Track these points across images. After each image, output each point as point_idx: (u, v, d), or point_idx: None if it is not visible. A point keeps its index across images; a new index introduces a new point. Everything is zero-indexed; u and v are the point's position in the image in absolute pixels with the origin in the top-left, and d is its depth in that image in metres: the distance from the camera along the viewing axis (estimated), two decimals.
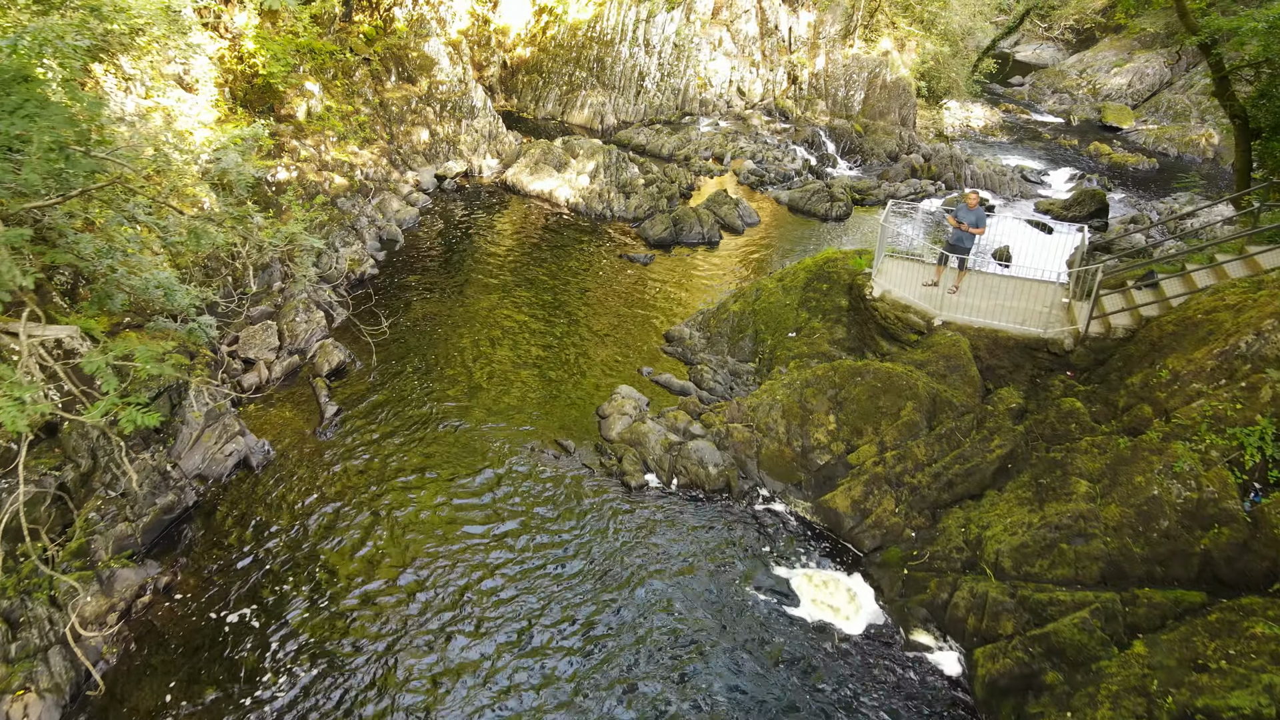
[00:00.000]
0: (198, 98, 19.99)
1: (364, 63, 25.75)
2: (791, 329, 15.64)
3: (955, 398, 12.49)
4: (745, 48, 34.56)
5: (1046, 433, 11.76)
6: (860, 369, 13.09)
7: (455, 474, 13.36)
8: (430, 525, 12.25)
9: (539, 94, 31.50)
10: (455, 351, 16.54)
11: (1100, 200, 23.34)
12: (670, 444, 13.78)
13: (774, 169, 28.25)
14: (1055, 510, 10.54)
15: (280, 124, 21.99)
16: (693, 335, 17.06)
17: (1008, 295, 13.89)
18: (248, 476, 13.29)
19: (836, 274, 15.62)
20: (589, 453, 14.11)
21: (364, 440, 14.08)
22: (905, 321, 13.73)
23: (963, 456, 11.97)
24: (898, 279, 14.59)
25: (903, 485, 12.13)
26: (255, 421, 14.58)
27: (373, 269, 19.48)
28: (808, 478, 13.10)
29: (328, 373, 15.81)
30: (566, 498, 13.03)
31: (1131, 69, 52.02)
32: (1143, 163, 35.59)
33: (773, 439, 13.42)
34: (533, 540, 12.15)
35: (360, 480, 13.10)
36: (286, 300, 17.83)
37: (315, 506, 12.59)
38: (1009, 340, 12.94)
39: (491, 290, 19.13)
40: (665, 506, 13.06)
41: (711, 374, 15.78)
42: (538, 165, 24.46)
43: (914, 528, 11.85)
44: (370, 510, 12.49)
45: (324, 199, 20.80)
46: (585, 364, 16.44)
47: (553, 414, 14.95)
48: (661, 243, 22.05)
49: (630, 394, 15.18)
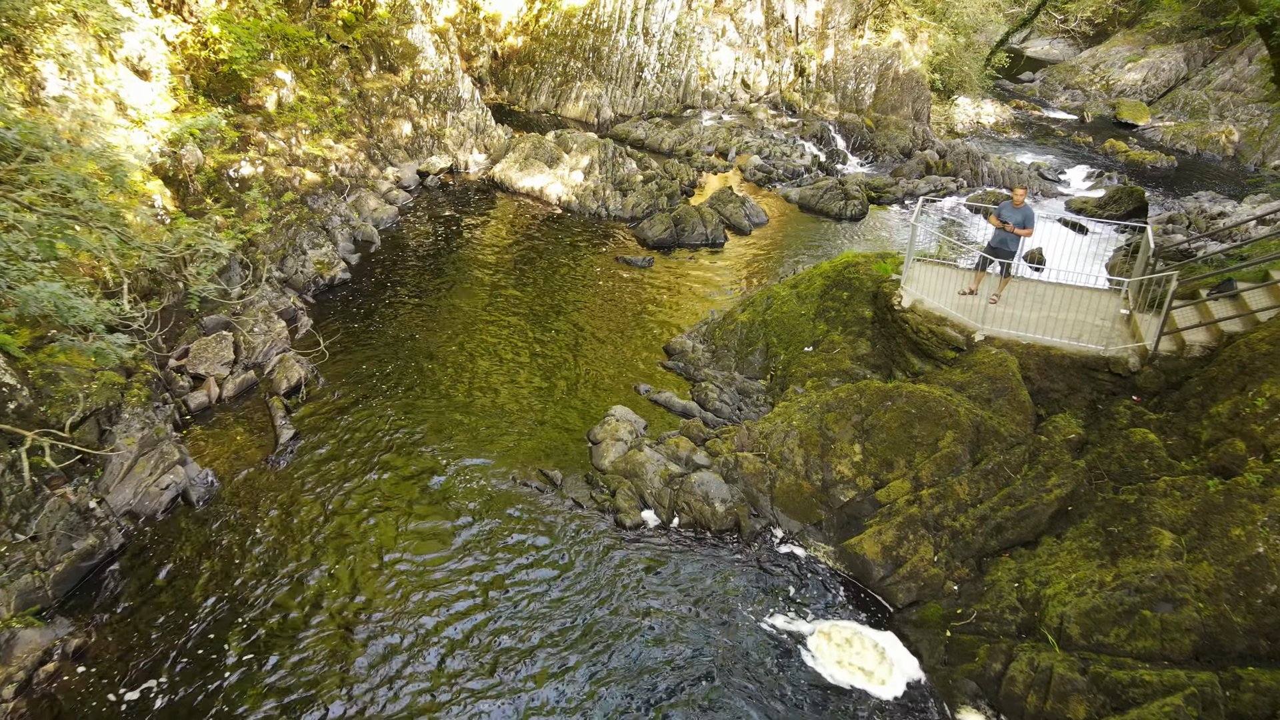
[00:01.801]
0: (152, 85, 18.25)
1: (342, 50, 23.99)
2: (808, 342, 13.88)
3: (1003, 426, 10.74)
4: (750, 38, 32.79)
5: (1114, 469, 10.01)
6: (890, 392, 11.33)
7: (426, 511, 11.62)
8: (395, 573, 10.50)
9: (531, 85, 29.72)
10: (431, 366, 14.79)
11: (1139, 198, 21.59)
12: (671, 476, 12.03)
13: (782, 165, 26.48)
14: (1133, 567, 8.78)
15: (247, 115, 20.24)
16: (696, 348, 15.31)
17: (1057, 305, 12.13)
18: (186, 513, 11.55)
19: (858, 280, 13.86)
20: (578, 484, 12.37)
21: (323, 469, 12.34)
22: (941, 336, 11.97)
23: (1014, 496, 10.21)
24: (930, 287, 12.84)
25: (942, 529, 10.38)
26: (200, 448, 12.84)
27: (344, 273, 17.72)
28: (829, 516, 11.35)
29: (286, 390, 14.07)
30: (551, 539, 11.29)
31: (1146, 64, 50.48)
32: (1161, 160, 34.18)
33: (789, 471, 11.67)
34: (511, 590, 10.41)
35: (316, 518, 11.36)
36: (246, 308, 16.09)
37: (262, 549, 10.85)
38: (1063, 358, 11.19)
39: (474, 297, 17.38)
40: (665, 549, 11.32)
41: (717, 393, 14.03)
42: (528, 161, 22.70)
43: (957, 580, 10.10)
44: (325, 554, 10.76)
45: (293, 196, 19.07)
46: (576, 381, 14.69)
47: (538, 439, 13.21)
48: (661, 244, 20.29)
49: (625, 416, 13.44)
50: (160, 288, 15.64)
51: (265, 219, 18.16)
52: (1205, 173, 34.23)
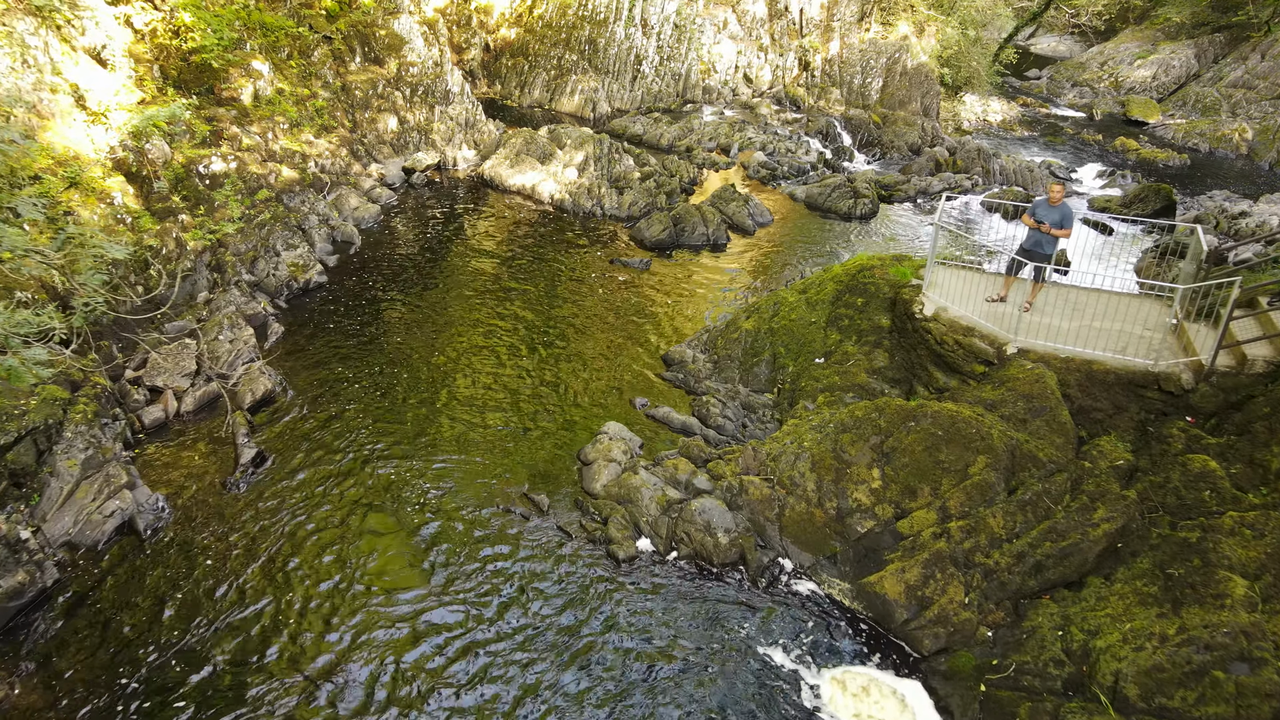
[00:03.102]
0: (114, 75, 17.08)
1: (324, 41, 22.82)
2: (819, 353, 12.72)
3: (1041, 451, 9.58)
4: (753, 30, 31.61)
5: (1170, 502, 8.85)
6: (913, 410, 10.17)
7: (399, 541, 10.47)
8: (363, 614, 9.36)
9: (524, 79, 28.52)
10: (411, 378, 13.64)
11: (1166, 196, 20.40)
12: (669, 502, 10.88)
13: (787, 162, 25.30)
14: (1201, 619, 7.63)
15: (220, 108, 19.08)
16: (696, 358, 14.15)
17: (1095, 313, 10.98)
18: (132, 544, 10.41)
19: (874, 285, 12.70)
20: (567, 511, 11.23)
21: (287, 494, 11.21)
22: (968, 348, 10.81)
23: (1055, 531, 9.06)
24: (954, 293, 11.68)
25: (974, 567, 9.23)
26: (152, 469, 11.70)
27: (320, 276, 16.55)
28: (845, 549, 10.20)
29: (251, 404, 12.93)
30: (537, 574, 10.14)
31: (1156, 61, 49.50)
32: (1173, 159, 33.32)
33: (799, 498, 10.52)
34: (491, 631, 9.28)
35: (277, 550, 10.22)
36: (212, 314, 14.94)
37: (216, 586, 9.72)
38: (1107, 374, 10.03)
39: (459, 303, 16.22)
40: (662, 585, 10.17)
41: (720, 408, 12.87)
42: (519, 157, 21.52)
43: (991, 625, 8.96)
44: (287, 592, 9.63)
45: (268, 194, 17.91)
46: (566, 394, 13.54)
47: (524, 458, 12.06)
48: (659, 245, 19.11)
49: (620, 434, 12.29)
50: (117, 292, 14.51)
51: (237, 218, 17.01)
52: (1219, 171, 33.35)
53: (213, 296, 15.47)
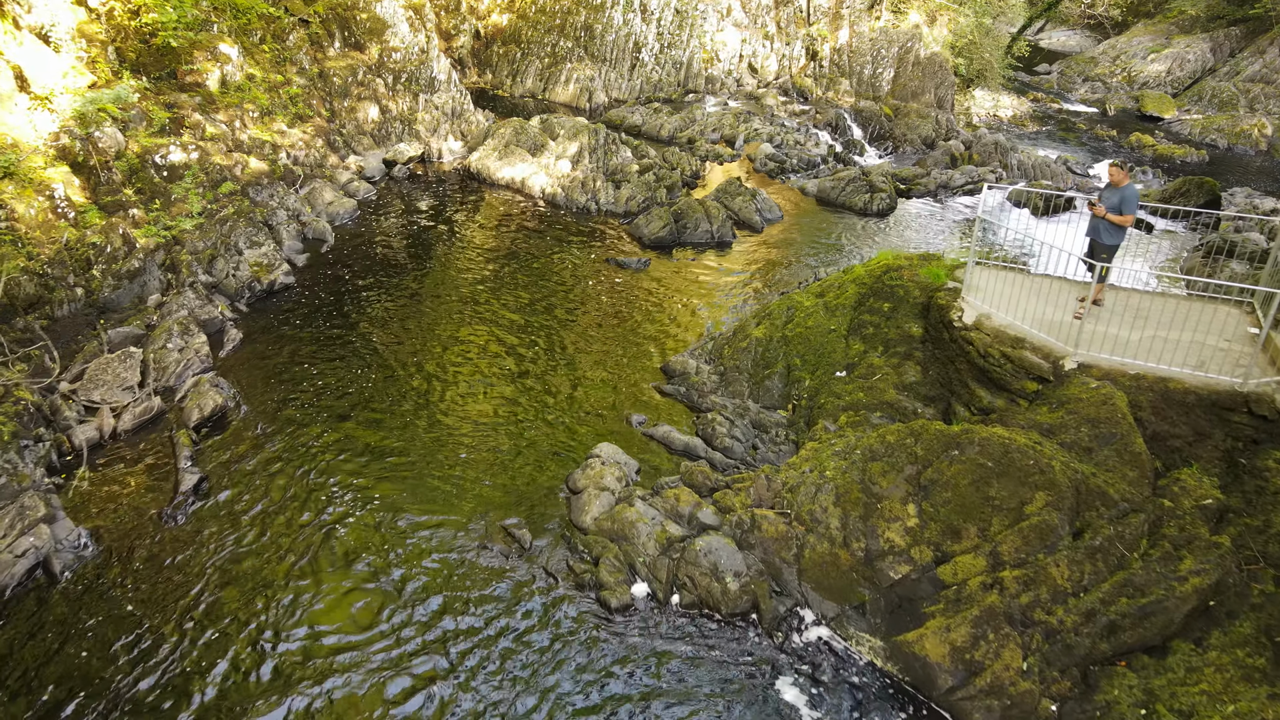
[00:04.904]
0: (62, 56, 15.59)
1: (301, 24, 21.32)
2: (840, 365, 11.21)
3: (1111, 486, 8.08)
4: (758, 17, 30.07)
5: (1273, 551, 7.36)
6: (956, 437, 8.67)
7: (353, 586, 8.99)
8: (302, 678, 7.87)
9: (517, 67, 26.99)
10: (379, 390, 12.15)
11: (1210, 190, 18.89)
12: (669, 540, 9.39)
13: (796, 155, 23.78)
14: None
15: (183, 93, 17.59)
16: (700, 369, 12.65)
17: (1163, 321, 9.48)
18: (46, 589, 8.95)
19: (902, 288, 11.19)
20: (553, 548, 9.74)
21: (229, 526, 9.74)
22: (1018, 362, 9.29)
23: (1132, 584, 7.56)
24: (998, 297, 10.16)
25: (1033, 625, 7.73)
26: (79, 499, 10.23)
27: (287, 277, 15.05)
28: (875, 598, 8.71)
29: (199, 421, 11.44)
30: (515, 629, 8.66)
31: (1170, 55, 48.22)
32: (1191, 154, 32.12)
33: (821, 536, 9.03)
34: (461, 696, 7.80)
35: (215, 596, 8.77)
36: (162, 319, 13.44)
37: (142, 638, 8.29)
38: (1185, 394, 8.52)
39: (437, 308, 14.72)
40: (661, 638, 8.69)
41: (727, 427, 11.37)
42: (508, 148, 20.01)
43: (1056, 698, 7.47)
44: (223, 644, 8.17)
45: (232, 187, 16.41)
46: (555, 410, 12.05)
47: (506, 484, 10.59)
48: (660, 243, 17.59)
49: (613, 457, 10.79)
50: (52, 295, 13.03)
51: (196, 213, 15.52)
52: (1239, 168, 32.16)
53: (165, 299, 13.98)
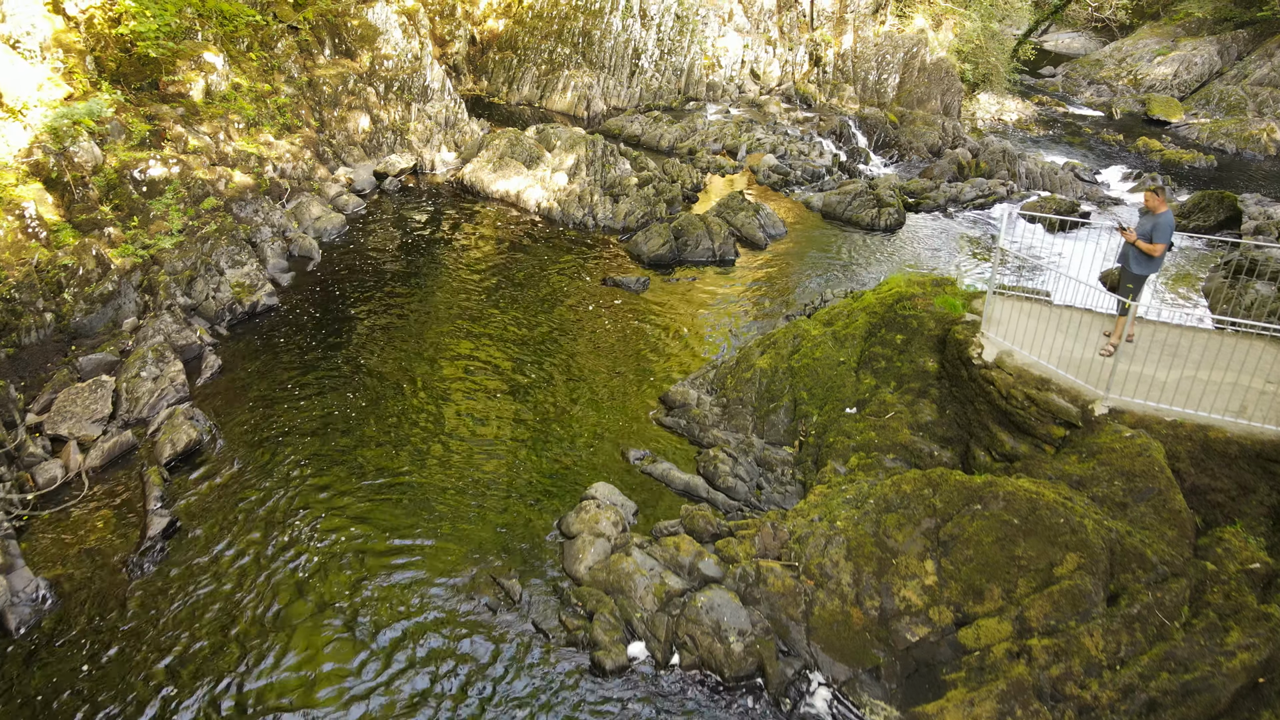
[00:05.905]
0: (38, 67, 14.96)
1: (290, 31, 20.69)
2: (849, 401, 10.57)
3: (1149, 547, 7.45)
4: (760, 22, 29.43)
5: None
6: (979, 490, 8.03)
7: (329, 643, 8.37)
8: None
9: (513, 75, 26.35)
10: (362, 424, 11.51)
11: (1231, 206, 18.21)
12: (669, 594, 8.76)
13: (799, 165, 23.12)
14: None
15: (165, 104, 16.95)
16: (701, 400, 12.01)
17: (1198, 359, 8.84)
18: (2, 644, 8.35)
19: (916, 319, 10.55)
20: (544, 600, 9.11)
21: (200, 576, 9.13)
22: (1044, 405, 8.65)
23: (1174, 658, 6.93)
24: (1020, 332, 9.52)
25: (1065, 700, 7.10)
26: (40, 544, 9.62)
27: (270, 298, 14.40)
28: (890, 661, 8.08)
29: (171, 458, 10.80)
30: (499, 690, 8.04)
31: (1177, 58, 47.69)
32: (1199, 160, 31.54)
33: (832, 593, 8.40)
34: None
35: (182, 650, 8.18)
36: (137, 345, 12.81)
37: (93, 701, 7.64)
38: (1227, 444, 7.89)
39: (426, 333, 14.08)
40: (659, 704, 8.07)
41: (730, 464, 10.73)
42: (503, 160, 19.37)
43: None
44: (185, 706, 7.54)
45: (215, 203, 15.76)
46: (548, 444, 11.41)
47: (496, 523, 9.96)
48: (659, 261, 16.96)
49: (609, 497, 10.16)
50: (19, 321, 12.38)
51: (176, 230, 14.88)
52: (1248, 173, 31.54)
53: (141, 323, 13.34)
